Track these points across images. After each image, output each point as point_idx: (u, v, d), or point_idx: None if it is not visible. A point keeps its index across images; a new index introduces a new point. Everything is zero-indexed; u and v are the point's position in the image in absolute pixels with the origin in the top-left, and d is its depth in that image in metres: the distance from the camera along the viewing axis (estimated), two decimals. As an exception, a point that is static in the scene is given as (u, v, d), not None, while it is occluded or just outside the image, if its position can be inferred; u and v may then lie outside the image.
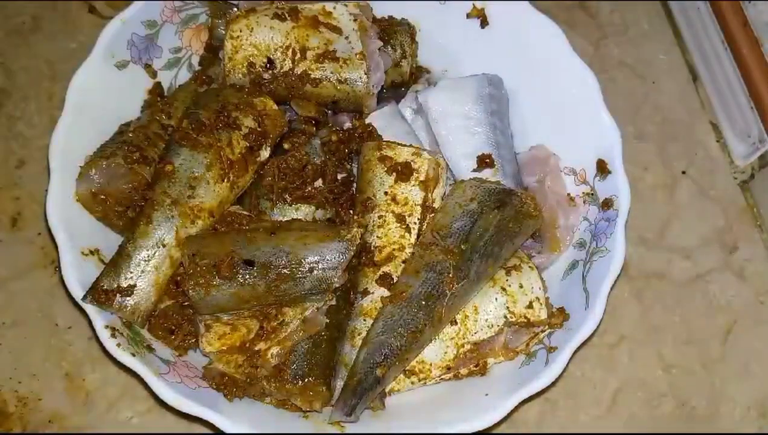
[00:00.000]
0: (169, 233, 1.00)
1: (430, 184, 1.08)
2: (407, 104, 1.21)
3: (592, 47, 1.39)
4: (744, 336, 1.17)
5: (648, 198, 1.27)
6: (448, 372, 1.02)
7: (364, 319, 1.02)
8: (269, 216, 1.07)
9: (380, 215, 1.06)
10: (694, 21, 1.37)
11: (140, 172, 1.04)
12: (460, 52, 1.25)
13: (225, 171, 1.03)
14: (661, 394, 1.13)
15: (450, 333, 1.02)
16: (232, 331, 0.99)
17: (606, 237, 1.06)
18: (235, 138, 1.05)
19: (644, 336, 1.17)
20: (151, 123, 1.09)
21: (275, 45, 1.11)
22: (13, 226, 1.18)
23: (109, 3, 1.36)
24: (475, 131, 1.14)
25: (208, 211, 1.02)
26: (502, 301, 1.03)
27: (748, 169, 1.29)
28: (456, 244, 1.01)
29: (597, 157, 1.12)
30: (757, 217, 1.27)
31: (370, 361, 0.96)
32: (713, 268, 1.22)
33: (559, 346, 1.00)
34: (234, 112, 1.06)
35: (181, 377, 0.96)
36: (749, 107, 1.26)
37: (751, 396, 1.13)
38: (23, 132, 1.25)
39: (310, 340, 0.98)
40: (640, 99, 1.35)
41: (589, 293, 1.03)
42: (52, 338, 1.11)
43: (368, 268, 1.04)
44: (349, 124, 1.15)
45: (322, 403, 0.97)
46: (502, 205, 1.04)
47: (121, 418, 1.07)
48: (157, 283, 0.99)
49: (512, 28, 1.21)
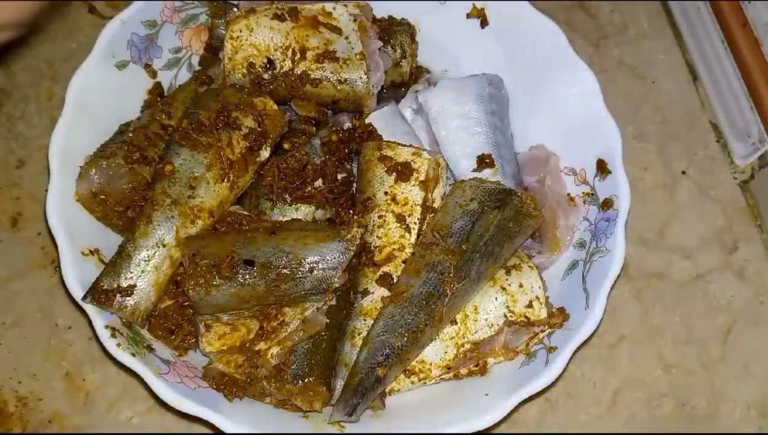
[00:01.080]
0: (169, 233, 1.00)
1: (430, 184, 1.08)
2: (407, 104, 1.21)
3: (592, 47, 1.39)
4: (744, 336, 1.17)
5: (648, 198, 1.27)
6: (448, 372, 1.02)
7: (364, 319, 1.02)
8: (269, 216, 1.07)
9: (380, 215, 1.06)
10: (694, 21, 1.37)
11: (140, 172, 1.04)
12: (460, 52, 1.25)
13: (225, 171, 1.03)
14: (661, 394, 1.13)
15: (450, 333, 1.02)
16: (232, 331, 0.99)
17: (606, 237, 1.06)
18: (235, 138, 1.05)
19: (644, 336, 1.17)
20: (151, 123, 1.09)
21: (275, 45, 1.11)
22: (13, 226, 1.18)
23: (109, 3, 1.36)
24: (475, 131, 1.14)
25: (208, 211, 1.02)
26: (502, 300, 1.03)
27: (748, 169, 1.29)
28: (457, 244, 1.01)
29: (597, 157, 1.12)
30: (757, 217, 1.27)
31: (371, 361, 0.96)
32: (713, 268, 1.22)
33: (559, 346, 1.00)
34: (234, 112, 1.06)
35: (181, 377, 0.96)
36: (749, 107, 1.26)
37: (751, 396, 1.13)
38: (23, 132, 1.25)
39: (310, 340, 0.98)
40: (640, 99, 1.35)
41: (589, 293, 1.03)
42: (52, 338, 1.11)
43: (368, 268, 1.04)
44: (349, 124, 1.15)
45: (322, 403, 0.97)
46: (502, 205, 1.04)
47: (121, 418, 1.07)
48: (157, 283, 0.99)
49: (512, 28, 1.20)
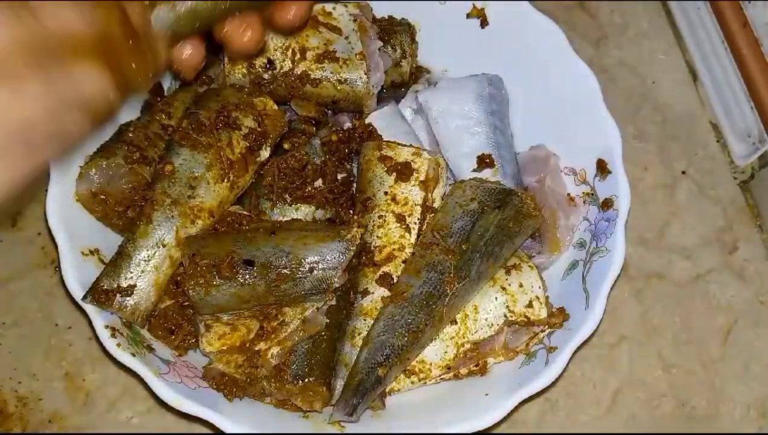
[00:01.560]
0: (169, 233, 1.00)
1: (430, 184, 1.08)
2: (407, 104, 1.21)
3: (592, 47, 1.39)
4: (744, 336, 1.17)
5: (648, 198, 1.27)
6: (448, 372, 1.02)
7: (364, 319, 1.02)
8: (269, 216, 1.07)
9: (380, 215, 1.06)
10: (694, 21, 1.37)
11: (140, 172, 1.03)
12: (460, 52, 1.24)
13: (225, 171, 1.03)
14: (661, 394, 1.13)
15: (450, 332, 1.02)
16: (232, 331, 0.99)
17: (606, 237, 1.06)
18: (235, 138, 1.05)
19: (644, 336, 1.17)
20: (151, 123, 1.09)
21: (275, 45, 1.11)
22: (13, 226, 1.17)
23: (109, 3, 1.36)
24: (475, 131, 1.14)
25: (208, 211, 1.02)
26: (502, 300, 1.03)
27: (748, 169, 1.29)
28: (457, 244, 1.01)
29: (597, 157, 1.12)
30: (757, 217, 1.27)
31: (372, 360, 0.96)
32: (713, 268, 1.22)
33: (559, 346, 1.00)
34: (234, 112, 1.06)
35: (181, 377, 0.96)
36: (749, 107, 1.26)
37: (751, 396, 1.13)
38: (23, 132, 1.25)
39: (310, 341, 0.98)
40: (640, 99, 1.35)
41: (589, 293, 1.03)
42: (52, 338, 1.11)
43: (368, 268, 1.04)
44: (349, 124, 1.15)
45: (322, 403, 0.97)
46: (502, 205, 1.04)
47: (121, 418, 1.07)
48: (157, 283, 0.99)
49: (512, 28, 1.20)
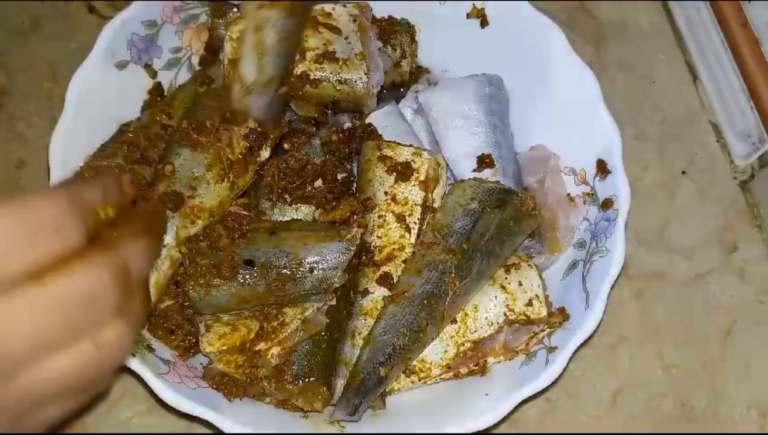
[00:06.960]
0: (169, 233, 0.99)
1: (430, 184, 1.08)
2: (407, 104, 1.21)
3: (592, 47, 1.39)
4: (744, 336, 1.17)
5: (648, 198, 1.26)
6: (448, 371, 1.02)
7: (364, 318, 1.02)
8: (269, 216, 1.07)
9: (380, 215, 1.06)
10: (694, 21, 1.37)
11: (140, 172, 1.03)
12: (460, 52, 1.24)
13: (225, 171, 1.03)
14: (661, 394, 1.13)
15: (450, 332, 1.02)
16: (232, 331, 0.99)
17: (606, 237, 1.06)
18: (235, 138, 1.05)
19: (644, 336, 1.17)
20: (151, 123, 1.09)
21: (275, 45, 1.11)
22: (13, 226, 1.17)
23: (109, 3, 1.36)
24: (475, 131, 1.14)
25: (208, 211, 1.02)
26: (502, 299, 1.03)
27: (748, 169, 1.29)
28: (458, 244, 1.01)
29: (597, 157, 1.12)
30: (757, 217, 1.27)
31: (373, 360, 0.96)
32: (713, 268, 1.22)
33: (559, 346, 1.00)
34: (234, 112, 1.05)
35: (181, 377, 0.96)
36: (749, 107, 1.26)
37: (751, 396, 1.13)
38: (23, 132, 1.25)
39: (310, 341, 0.98)
40: (640, 99, 1.35)
41: (589, 293, 1.03)
42: (52, 338, 1.10)
43: (368, 268, 1.04)
44: (349, 124, 1.15)
45: (323, 403, 0.97)
46: (502, 205, 1.04)
47: (121, 418, 1.06)
48: (157, 283, 0.99)
49: (512, 28, 1.20)
